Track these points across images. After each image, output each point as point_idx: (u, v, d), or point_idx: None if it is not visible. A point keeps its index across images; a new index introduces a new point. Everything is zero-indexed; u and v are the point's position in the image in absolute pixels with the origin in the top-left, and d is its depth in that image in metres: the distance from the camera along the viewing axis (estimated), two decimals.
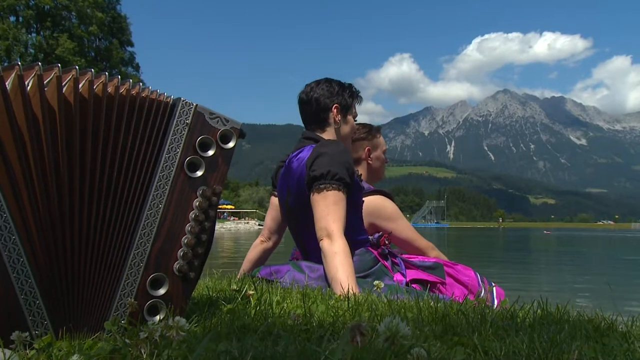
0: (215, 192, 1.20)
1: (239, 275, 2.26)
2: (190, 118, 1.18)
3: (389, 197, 2.43)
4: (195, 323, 1.10)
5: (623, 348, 0.86)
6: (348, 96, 2.20)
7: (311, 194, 1.92)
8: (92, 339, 0.98)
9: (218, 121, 1.22)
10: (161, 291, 1.12)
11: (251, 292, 1.35)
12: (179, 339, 0.80)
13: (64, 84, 1.03)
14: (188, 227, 1.16)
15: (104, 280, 1.09)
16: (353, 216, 2.00)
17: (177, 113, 1.18)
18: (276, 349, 0.79)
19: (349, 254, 1.81)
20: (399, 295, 1.59)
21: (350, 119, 2.23)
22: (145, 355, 0.79)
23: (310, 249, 2.06)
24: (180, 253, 1.15)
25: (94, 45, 46.26)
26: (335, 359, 0.59)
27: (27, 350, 0.91)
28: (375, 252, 2.05)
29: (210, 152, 1.20)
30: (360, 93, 2.28)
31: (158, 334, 0.81)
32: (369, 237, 2.11)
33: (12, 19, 40.76)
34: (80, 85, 1.05)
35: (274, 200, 2.39)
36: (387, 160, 2.81)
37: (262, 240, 2.51)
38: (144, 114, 1.13)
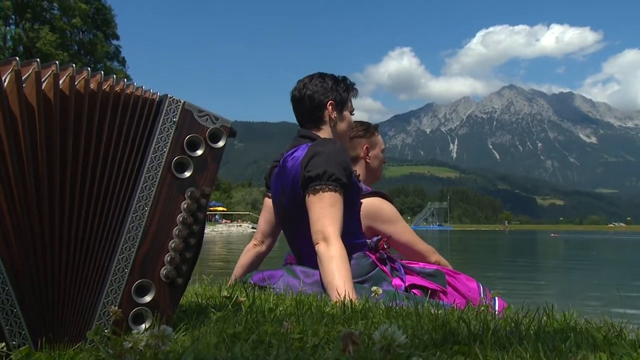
0: (204, 194, 1.20)
1: (231, 281, 2.26)
2: (177, 116, 1.19)
3: (387, 199, 2.44)
4: (183, 332, 1.10)
5: (632, 357, 0.87)
6: (343, 90, 2.20)
7: (306, 196, 1.92)
8: (74, 350, 0.98)
9: (207, 119, 1.22)
10: (147, 298, 1.12)
11: (242, 299, 1.35)
12: (165, 348, 0.80)
13: (43, 79, 1.02)
14: (176, 231, 1.16)
15: (86, 287, 1.08)
16: (350, 219, 2.00)
17: (164, 111, 1.18)
18: (268, 358, 0.79)
19: (346, 259, 1.81)
20: (398, 301, 1.59)
21: (346, 114, 2.23)
22: None
23: (306, 253, 2.06)
24: (167, 258, 1.15)
25: (77, 38, 46.11)
26: None
27: None
28: (373, 257, 2.06)
29: (199, 152, 1.20)
30: (355, 85, 2.28)
31: (143, 343, 0.81)
32: (367, 241, 2.12)
33: None
34: (60, 81, 1.04)
35: (268, 202, 2.39)
36: (386, 160, 2.82)
37: (255, 244, 2.51)
38: (128, 112, 1.13)
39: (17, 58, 1.00)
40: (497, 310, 2.11)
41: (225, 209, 69.34)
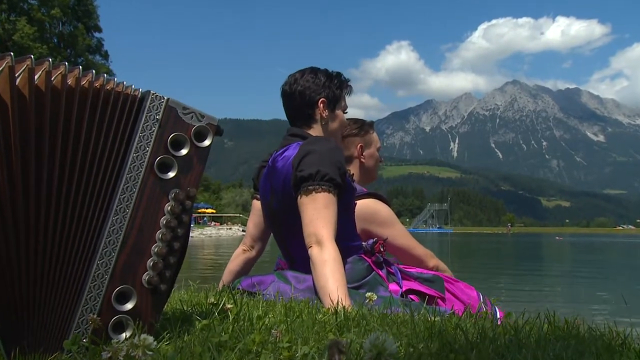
0: (189, 195, 1.20)
1: (219, 287, 2.26)
2: (161, 113, 1.18)
3: (383, 201, 2.44)
4: (166, 341, 1.10)
5: None
6: (336, 87, 2.20)
7: (298, 197, 1.92)
8: None
9: (192, 117, 1.22)
10: (128, 306, 1.12)
11: (230, 306, 1.35)
12: (147, 359, 0.80)
13: (17, 74, 1.02)
14: (159, 235, 1.16)
15: (63, 294, 1.08)
16: (345, 220, 2.00)
17: (147, 108, 1.18)
18: None
19: (340, 262, 1.81)
20: (394, 308, 1.60)
21: (339, 113, 2.23)
22: None
23: (297, 257, 2.06)
24: (149, 263, 1.15)
25: (56, 30, 45.85)
26: None
27: None
28: (369, 260, 2.06)
29: (184, 151, 1.20)
30: (350, 82, 2.28)
31: (123, 353, 0.81)
32: (363, 244, 2.12)
33: None
34: (36, 77, 1.04)
35: (256, 204, 2.38)
36: (382, 158, 2.82)
37: (244, 249, 2.50)
38: (108, 109, 1.13)
39: None
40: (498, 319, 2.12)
41: (214, 211, 69.31)
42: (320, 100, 2.15)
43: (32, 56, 1.04)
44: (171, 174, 1.19)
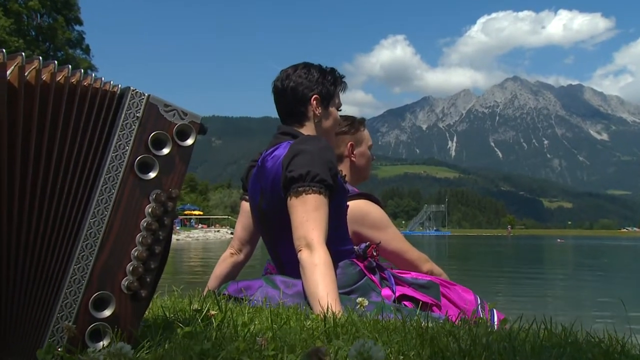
0: (171, 197, 1.20)
1: (205, 293, 2.25)
2: (141, 111, 1.18)
3: (375, 202, 2.45)
4: (146, 349, 1.09)
5: None
6: (330, 84, 2.20)
7: (288, 198, 1.92)
8: None
9: (174, 114, 1.22)
10: (106, 312, 1.11)
11: (213, 312, 1.35)
12: None
13: None
14: (139, 238, 1.16)
15: (37, 301, 1.08)
16: (336, 223, 2.01)
17: (126, 105, 1.17)
18: None
19: (331, 267, 1.82)
20: (386, 314, 1.60)
21: (332, 110, 2.24)
22: None
23: (287, 261, 2.06)
24: (129, 268, 1.14)
25: (34, 22, 45.54)
26: None
27: None
28: (361, 265, 2.06)
29: (165, 150, 1.20)
30: (344, 78, 2.28)
31: None
32: (355, 248, 2.12)
33: None
34: (8, 72, 1.03)
35: (245, 205, 2.38)
36: (374, 157, 2.82)
37: (232, 253, 2.50)
38: (85, 106, 1.12)
39: None
40: (496, 324, 2.13)
41: (201, 213, 69.17)
42: (314, 97, 2.15)
43: (4, 50, 1.03)
44: (152, 175, 1.18)
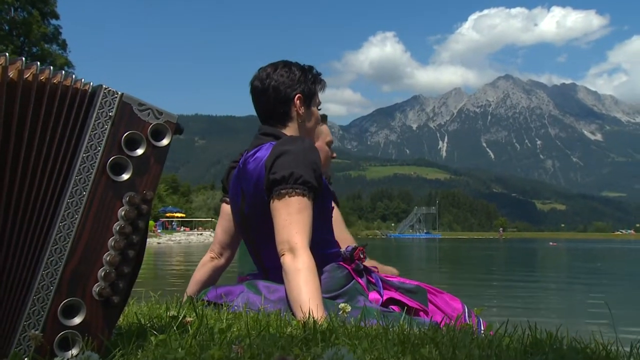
0: (145, 199, 1.20)
1: (184, 299, 2.25)
2: (114, 110, 1.18)
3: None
4: (118, 358, 1.09)
5: None
6: (311, 82, 2.21)
7: (271, 201, 1.92)
8: None
9: (149, 113, 1.22)
10: (76, 320, 1.11)
11: (189, 319, 1.35)
12: None
13: None
14: (111, 242, 1.15)
15: (2, 308, 1.07)
16: (321, 226, 2.01)
17: (98, 103, 1.17)
18: None
19: (315, 272, 1.82)
20: (371, 319, 1.60)
21: (314, 110, 2.25)
22: None
23: (270, 266, 2.06)
24: (101, 273, 1.14)
25: (7, 16, 45.04)
26: None
27: None
28: (348, 268, 2.06)
29: (140, 151, 1.20)
30: (322, 75, 2.29)
31: None
32: (341, 251, 2.13)
33: None
34: None
35: (226, 208, 2.38)
36: (334, 154, 2.84)
37: (212, 257, 2.49)
38: (55, 105, 1.12)
39: None
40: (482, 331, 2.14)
41: (183, 215, 68.88)
42: (297, 96, 2.15)
43: None
44: (125, 176, 1.18)
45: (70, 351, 1.09)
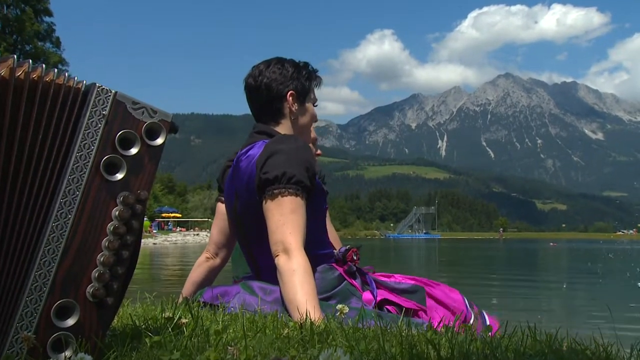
0: (139, 199, 1.20)
1: (180, 300, 2.24)
2: (107, 108, 1.17)
3: None
4: None
5: None
6: (305, 79, 2.21)
7: (263, 201, 1.92)
8: None
9: (143, 112, 1.22)
10: (70, 321, 1.11)
11: (185, 320, 1.35)
12: None
13: None
14: (105, 242, 1.15)
15: None
16: (314, 226, 2.01)
17: (92, 102, 1.16)
18: None
19: (310, 272, 1.82)
20: (368, 320, 1.60)
21: (309, 106, 2.25)
22: None
23: (264, 266, 2.06)
24: (95, 274, 1.14)
25: (0, 14, 44.93)
26: None
27: None
28: (340, 269, 2.06)
29: (134, 150, 1.20)
30: (318, 72, 2.29)
31: None
32: (334, 251, 2.13)
33: None
34: None
35: (221, 207, 2.38)
36: (319, 151, 2.84)
37: (208, 257, 2.49)
38: (47, 104, 1.12)
39: None
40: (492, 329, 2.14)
41: (179, 216, 68.85)
42: (289, 92, 2.16)
43: None
44: (119, 176, 1.18)
45: (64, 353, 1.09)
